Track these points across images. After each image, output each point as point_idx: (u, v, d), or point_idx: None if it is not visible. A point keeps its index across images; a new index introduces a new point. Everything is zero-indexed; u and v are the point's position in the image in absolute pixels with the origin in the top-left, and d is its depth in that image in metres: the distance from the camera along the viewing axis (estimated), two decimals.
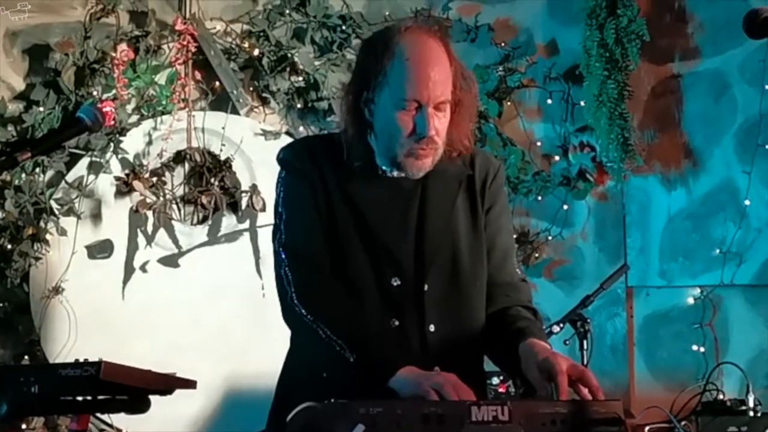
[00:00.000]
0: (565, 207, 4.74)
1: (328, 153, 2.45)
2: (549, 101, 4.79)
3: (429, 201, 2.44)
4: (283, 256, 2.40)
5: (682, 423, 3.57)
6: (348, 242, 2.39)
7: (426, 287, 2.40)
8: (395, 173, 2.43)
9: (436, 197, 2.45)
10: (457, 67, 2.41)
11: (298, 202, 2.43)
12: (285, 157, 2.49)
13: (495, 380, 3.73)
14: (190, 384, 2.43)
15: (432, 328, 2.40)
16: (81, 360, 2.22)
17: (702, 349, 4.63)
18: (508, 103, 4.78)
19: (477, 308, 2.46)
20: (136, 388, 2.32)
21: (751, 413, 3.66)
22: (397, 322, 2.38)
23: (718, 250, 4.68)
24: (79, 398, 2.28)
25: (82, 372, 2.17)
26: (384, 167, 2.43)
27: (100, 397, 2.31)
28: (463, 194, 2.48)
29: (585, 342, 3.60)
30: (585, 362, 3.59)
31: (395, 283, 2.39)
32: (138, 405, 2.40)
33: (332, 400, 2.17)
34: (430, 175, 2.45)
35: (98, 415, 4.19)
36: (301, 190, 2.43)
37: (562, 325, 3.63)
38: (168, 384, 2.41)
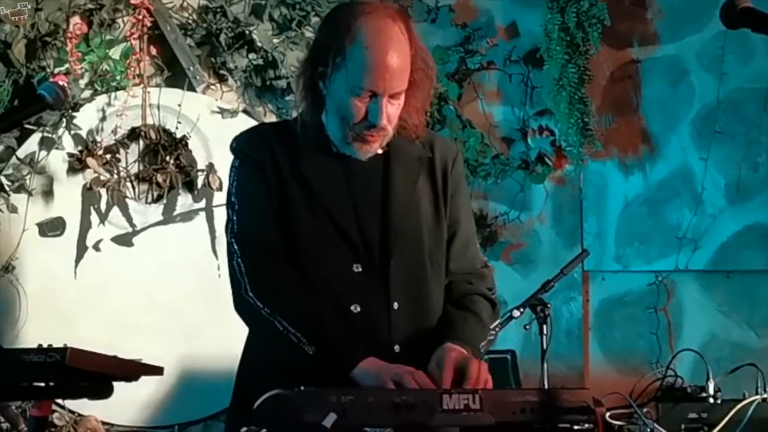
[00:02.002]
0: (523, 191, 4.76)
1: (281, 139, 2.44)
2: (509, 84, 4.79)
3: (392, 182, 2.43)
4: (236, 246, 2.38)
5: (644, 410, 3.60)
6: (304, 229, 2.37)
7: (391, 268, 2.38)
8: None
9: (398, 178, 2.44)
10: (417, 50, 2.40)
11: (251, 191, 2.41)
12: (238, 146, 2.47)
13: None
14: (156, 370, 2.40)
15: (396, 305, 2.39)
16: (44, 345, 2.17)
17: (656, 334, 4.69)
18: (468, 85, 4.78)
19: (435, 288, 2.47)
20: (101, 375, 2.28)
21: (711, 400, 3.70)
22: (358, 308, 2.37)
23: (673, 236, 4.71)
24: (42, 384, 2.24)
25: (46, 358, 2.13)
26: (335, 143, 2.42)
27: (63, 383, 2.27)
28: (424, 176, 2.48)
29: (545, 327, 3.62)
30: (545, 347, 3.61)
31: (357, 270, 2.38)
32: (101, 391, 2.36)
33: (301, 388, 2.15)
34: (391, 154, 2.45)
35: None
36: (254, 178, 2.41)
37: (522, 309, 3.64)
38: (134, 371, 2.37)
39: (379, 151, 2.45)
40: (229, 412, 2.54)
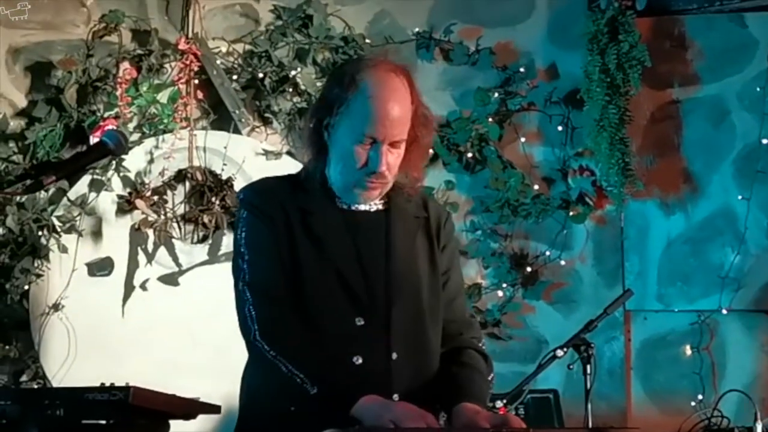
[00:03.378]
0: (564, 231, 4.78)
1: (289, 192, 2.54)
2: (549, 124, 4.84)
3: (393, 238, 2.55)
4: (249, 294, 2.46)
5: None
6: (312, 282, 2.47)
7: (393, 321, 2.48)
8: (354, 206, 2.54)
9: (399, 236, 2.56)
10: (417, 105, 2.54)
11: (261, 243, 2.50)
12: (246, 198, 2.57)
13: (498, 403, 3.76)
14: (214, 409, 2.47)
15: (395, 356, 2.48)
16: (107, 384, 2.25)
17: (699, 374, 4.68)
18: (509, 126, 4.82)
19: (434, 340, 2.57)
20: (161, 412, 2.35)
21: None
22: (360, 360, 2.45)
23: (716, 276, 4.72)
24: (103, 422, 2.31)
25: (110, 396, 2.20)
26: (338, 195, 2.53)
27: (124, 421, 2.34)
28: (421, 234, 2.61)
29: (588, 366, 3.63)
30: (589, 386, 3.63)
31: (359, 323, 2.47)
32: (159, 428, 2.43)
33: (356, 426, 2.21)
34: (391, 213, 2.58)
35: None
36: (264, 230, 2.50)
37: (566, 349, 3.66)
38: (192, 409, 2.44)
39: (381, 208, 2.58)
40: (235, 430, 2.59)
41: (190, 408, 2.43)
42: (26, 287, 4.51)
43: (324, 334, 2.44)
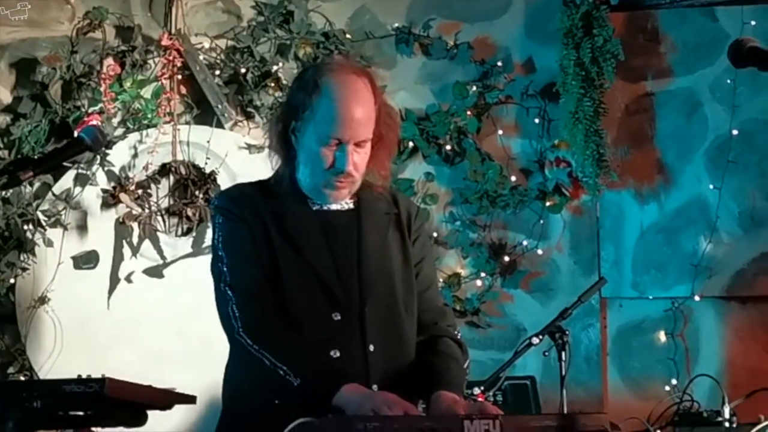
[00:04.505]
0: (541, 221, 4.78)
1: (262, 196, 2.56)
2: (526, 117, 4.84)
3: (364, 237, 2.57)
4: (231, 294, 2.47)
5: None
6: (290, 281, 2.48)
7: (367, 315, 2.50)
8: (326, 207, 2.56)
9: (370, 233, 2.58)
10: (381, 105, 2.56)
11: (238, 245, 2.51)
12: (221, 204, 2.58)
13: (476, 390, 3.76)
14: (189, 399, 2.45)
15: (372, 348, 2.49)
16: (82, 375, 2.22)
17: (673, 360, 4.70)
18: (487, 119, 4.81)
19: (409, 329, 2.58)
20: (138, 404, 2.33)
21: (727, 424, 3.70)
22: (337, 353, 2.46)
23: (689, 264, 4.72)
24: (81, 413, 2.29)
25: (86, 388, 2.18)
26: (309, 196, 2.55)
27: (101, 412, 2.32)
28: (392, 229, 2.62)
29: (563, 353, 3.64)
30: (564, 373, 3.63)
31: (336, 318, 2.48)
32: (137, 419, 2.42)
33: (329, 416, 2.20)
34: (362, 211, 2.59)
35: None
36: (240, 233, 2.51)
37: (541, 336, 3.66)
38: (168, 399, 2.42)
39: (352, 207, 2.60)
40: (219, 424, 2.59)
41: (166, 398, 2.41)
42: (12, 281, 4.49)
43: (303, 329, 2.46)
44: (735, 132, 4.72)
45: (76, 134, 2.42)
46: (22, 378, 4.39)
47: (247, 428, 2.46)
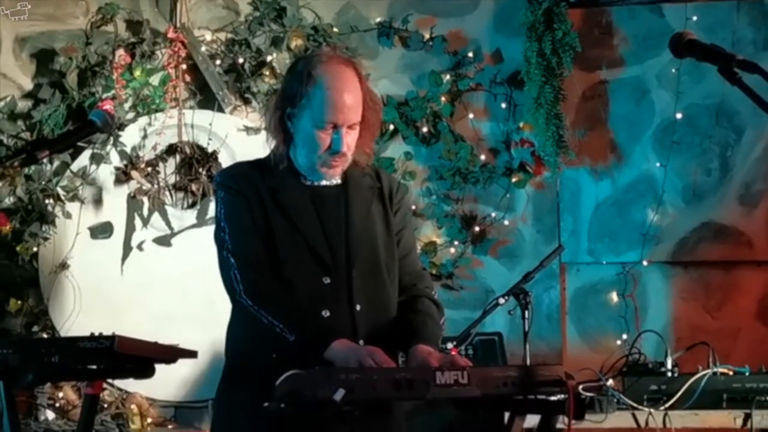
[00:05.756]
0: (508, 195, 4.78)
1: (259, 174, 2.56)
2: (494, 102, 4.82)
3: (351, 208, 2.58)
4: (232, 260, 2.48)
5: (609, 382, 3.62)
6: (284, 248, 2.49)
7: (354, 278, 2.51)
8: (317, 182, 2.56)
9: (356, 206, 2.58)
10: (365, 90, 2.56)
11: (238, 217, 2.51)
12: (222, 181, 2.59)
13: (449, 345, 3.76)
14: (191, 354, 2.44)
15: (358, 307, 2.50)
16: (96, 333, 2.21)
17: (624, 317, 4.72)
18: (459, 104, 4.78)
19: (391, 291, 2.60)
20: (145, 358, 2.32)
21: (669, 373, 3.71)
22: (328, 313, 2.47)
23: (638, 233, 4.73)
24: (94, 366, 2.28)
25: (98, 345, 2.17)
26: (303, 173, 2.55)
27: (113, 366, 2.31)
28: (376, 202, 2.63)
29: (527, 312, 3.64)
30: (527, 329, 3.64)
31: (326, 282, 2.49)
32: (145, 372, 2.41)
33: (315, 368, 2.20)
34: (348, 186, 2.60)
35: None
36: (239, 206, 2.51)
37: (506, 297, 3.66)
38: (172, 354, 2.42)
39: (339, 182, 2.60)
40: (220, 384, 2.60)
41: (170, 353, 2.41)
42: (35, 249, 4.46)
43: (297, 291, 2.46)
44: (679, 116, 4.72)
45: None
46: (45, 336, 4.37)
47: (247, 380, 2.47)
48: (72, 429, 3.67)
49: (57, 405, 4.23)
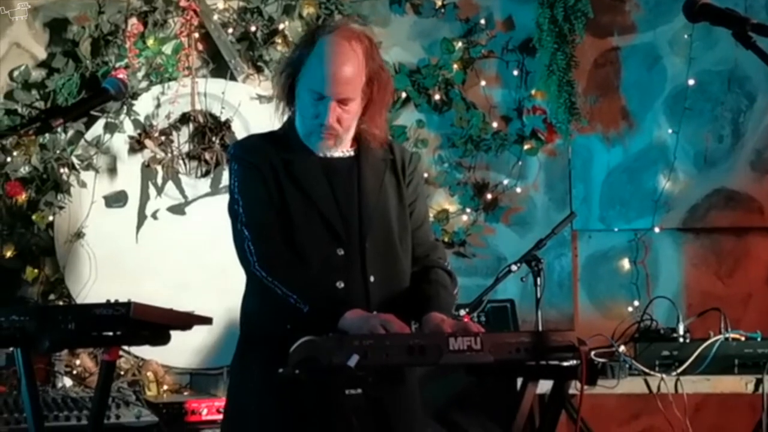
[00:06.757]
0: (520, 162, 4.75)
1: (272, 146, 2.53)
2: (506, 70, 4.78)
3: (363, 180, 2.55)
4: (246, 233, 2.46)
5: (621, 348, 3.61)
6: (298, 220, 2.47)
7: (367, 250, 2.49)
8: (329, 154, 2.54)
9: (368, 176, 2.56)
10: (372, 70, 2.51)
11: (252, 189, 2.49)
12: (236, 153, 2.57)
13: (462, 312, 3.76)
14: (206, 320, 2.44)
15: (372, 279, 2.49)
16: (111, 301, 2.21)
17: (635, 284, 4.71)
18: (471, 72, 4.74)
19: (404, 262, 2.58)
20: (160, 325, 2.32)
21: (681, 339, 3.70)
22: (342, 284, 2.47)
23: (650, 200, 4.71)
24: (110, 333, 2.28)
25: (114, 311, 2.17)
26: (303, 140, 2.52)
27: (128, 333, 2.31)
28: (388, 173, 2.60)
29: (538, 279, 3.64)
30: (539, 296, 3.63)
31: (340, 253, 2.48)
32: (160, 338, 2.41)
33: (329, 334, 2.20)
34: (361, 158, 2.57)
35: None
36: (254, 178, 2.49)
37: (519, 264, 3.66)
38: (187, 321, 2.42)
39: (352, 154, 2.58)
40: (236, 353, 2.61)
41: (185, 320, 2.40)
42: (51, 218, 4.45)
43: (310, 263, 2.45)
44: (691, 82, 4.68)
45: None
46: (62, 304, 4.38)
47: (262, 349, 2.46)
48: (89, 395, 3.68)
49: (74, 372, 4.25)
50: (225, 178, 4.60)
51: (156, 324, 2.31)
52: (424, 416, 2.65)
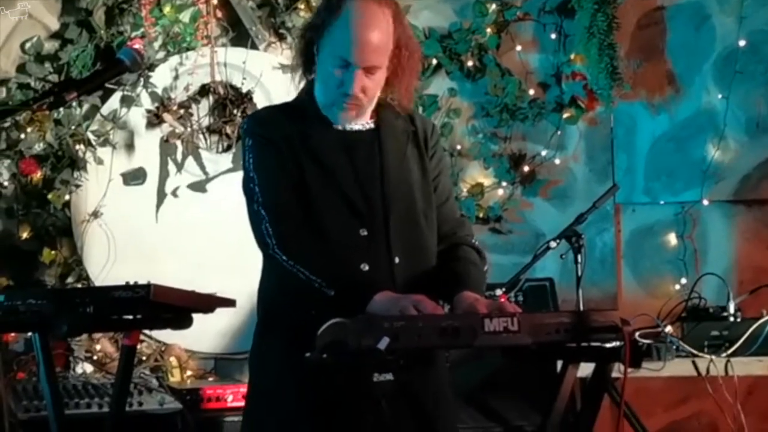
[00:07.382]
0: (558, 132, 4.72)
1: (288, 118, 2.50)
2: (543, 33, 4.74)
3: (385, 153, 2.52)
4: (264, 213, 2.44)
5: (668, 328, 3.60)
6: (318, 198, 2.45)
7: (391, 230, 2.47)
8: (348, 127, 2.51)
9: (390, 149, 2.53)
10: (401, 37, 2.48)
11: (268, 166, 2.46)
12: (250, 127, 2.53)
13: (498, 291, 3.76)
14: (229, 303, 2.46)
15: (397, 260, 2.47)
16: (131, 283, 2.23)
17: (683, 260, 4.68)
18: (506, 36, 4.72)
19: (430, 240, 2.56)
20: (181, 307, 2.34)
21: (732, 318, 3.68)
22: (367, 267, 2.44)
23: (698, 170, 4.67)
24: (129, 316, 2.30)
25: (133, 294, 2.19)
26: (322, 111, 2.49)
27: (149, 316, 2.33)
28: (411, 146, 2.57)
29: (579, 256, 3.63)
30: (580, 274, 3.62)
31: (363, 234, 2.46)
32: (182, 322, 2.43)
33: (359, 316, 2.20)
34: (381, 130, 2.54)
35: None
36: (270, 155, 2.46)
37: (558, 240, 3.65)
38: (210, 303, 2.43)
39: (372, 126, 2.55)
40: (254, 339, 2.60)
41: (208, 302, 2.42)
42: (67, 197, 4.49)
43: (332, 244, 2.44)
44: (742, 43, 4.63)
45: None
46: (80, 286, 4.43)
47: (282, 335, 2.46)
48: (110, 381, 3.73)
49: (94, 358, 4.30)
50: None
51: (177, 307, 2.33)
52: (455, 400, 2.66)
